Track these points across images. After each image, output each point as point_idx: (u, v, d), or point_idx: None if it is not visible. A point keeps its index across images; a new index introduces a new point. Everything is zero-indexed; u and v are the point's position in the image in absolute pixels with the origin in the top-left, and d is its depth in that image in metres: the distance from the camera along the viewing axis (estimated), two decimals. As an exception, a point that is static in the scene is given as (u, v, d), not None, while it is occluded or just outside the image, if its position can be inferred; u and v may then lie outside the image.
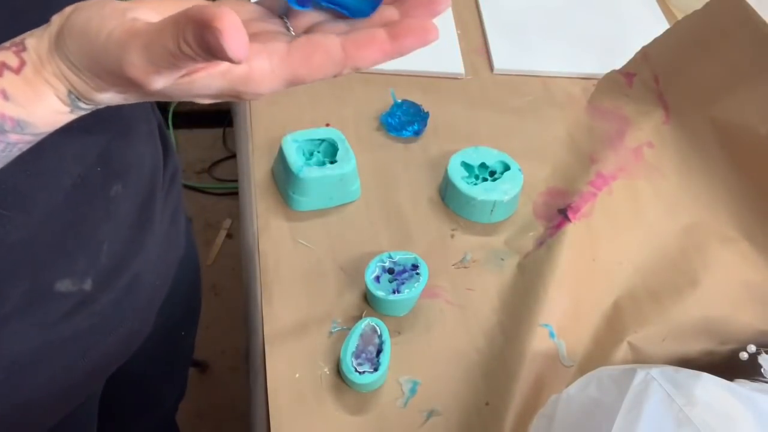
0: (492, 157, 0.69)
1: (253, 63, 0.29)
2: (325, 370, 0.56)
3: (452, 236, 0.67)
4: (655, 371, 0.46)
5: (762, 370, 0.51)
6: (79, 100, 0.31)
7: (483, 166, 0.68)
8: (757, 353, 0.53)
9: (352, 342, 0.55)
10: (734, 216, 0.65)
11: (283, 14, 0.36)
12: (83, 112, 0.32)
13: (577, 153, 0.74)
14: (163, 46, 0.26)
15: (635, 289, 0.61)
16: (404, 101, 0.76)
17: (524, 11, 0.93)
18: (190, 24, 0.25)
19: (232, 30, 0.24)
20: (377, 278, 0.59)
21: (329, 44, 0.30)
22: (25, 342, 0.47)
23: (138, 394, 0.78)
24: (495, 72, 0.84)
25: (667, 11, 0.96)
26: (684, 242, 0.64)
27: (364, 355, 0.55)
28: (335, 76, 0.31)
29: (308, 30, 0.34)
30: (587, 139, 0.75)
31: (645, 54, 0.75)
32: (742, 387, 0.45)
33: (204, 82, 0.29)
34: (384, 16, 0.33)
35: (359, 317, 0.59)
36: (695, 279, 0.60)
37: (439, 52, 0.85)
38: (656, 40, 0.74)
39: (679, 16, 0.91)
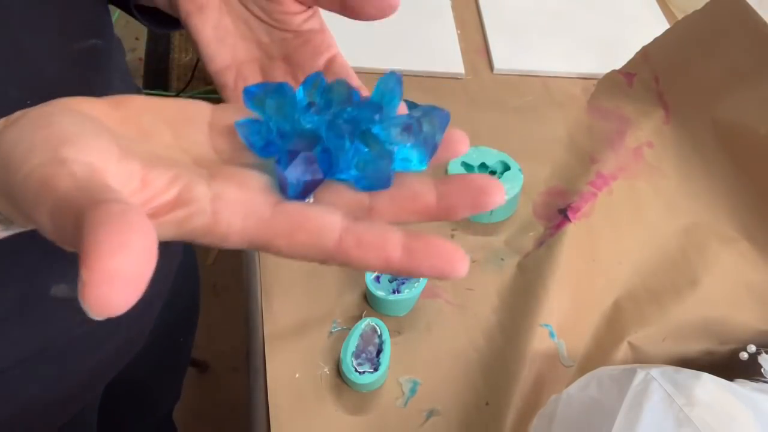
0: (492, 157, 0.69)
1: (221, 215, 0.23)
2: (325, 370, 0.56)
3: (452, 236, 0.67)
4: (655, 371, 0.46)
5: (762, 370, 0.51)
6: (12, 222, 0.25)
7: (483, 166, 0.68)
8: (757, 353, 0.53)
9: (352, 342, 0.55)
10: (734, 216, 0.65)
11: None
12: (24, 229, 0.26)
13: (577, 153, 0.74)
14: (66, 226, 0.20)
15: (635, 289, 0.61)
16: (404, 101, 0.76)
17: (524, 11, 0.93)
18: (77, 219, 0.19)
19: (100, 275, 0.18)
20: (377, 278, 0.59)
21: (325, 225, 0.24)
22: (19, 348, 0.46)
23: (136, 400, 0.78)
24: (495, 72, 0.84)
25: (667, 11, 0.96)
26: (684, 242, 0.64)
27: (364, 355, 0.55)
28: (319, 263, 0.25)
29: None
30: (587, 139, 0.75)
31: (645, 54, 0.75)
32: (742, 387, 0.45)
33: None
34: (416, 192, 0.27)
35: (359, 317, 0.59)
36: (695, 279, 0.60)
37: (439, 52, 0.85)
38: (656, 40, 0.74)
39: (679, 16, 0.91)
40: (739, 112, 0.66)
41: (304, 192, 0.26)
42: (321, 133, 0.26)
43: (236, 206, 0.24)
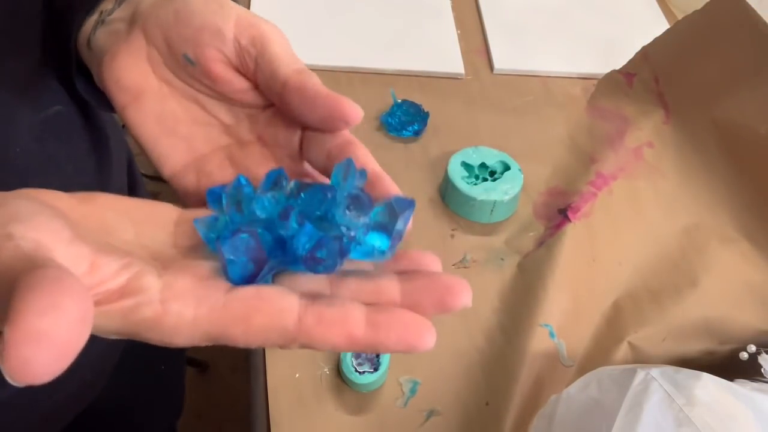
0: (492, 157, 0.69)
1: (169, 306, 0.22)
2: (325, 370, 0.56)
3: (452, 236, 0.67)
4: (655, 371, 0.46)
5: (762, 370, 0.51)
6: None
7: (483, 166, 0.68)
8: (757, 353, 0.53)
9: (352, 342, 0.55)
10: (734, 216, 0.65)
11: None
12: None
13: (577, 153, 0.74)
14: (2, 295, 0.19)
15: (635, 289, 0.61)
16: (404, 101, 0.76)
17: (524, 11, 0.93)
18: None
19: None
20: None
21: (283, 307, 0.23)
22: None
23: (123, 425, 0.75)
24: (495, 72, 0.84)
25: (667, 11, 0.96)
26: (684, 242, 0.64)
27: (364, 355, 0.55)
28: (280, 347, 0.24)
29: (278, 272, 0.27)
30: (587, 139, 0.75)
31: (645, 54, 0.75)
32: (742, 387, 0.45)
33: (96, 320, 0.22)
34: (380, 286, 0.25)
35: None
36: (695, 279, 0.60)
37: (439, 52, 0.85)
38: (656, 40, 0.74)
39: (679, 16, 0.91)
40: (739, 112, 0.66)
41: (245, 275, 0.24)
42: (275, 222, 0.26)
43: (187, 295, 0.23)
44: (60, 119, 0.41)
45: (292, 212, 0.26)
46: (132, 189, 0.59)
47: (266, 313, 0.23)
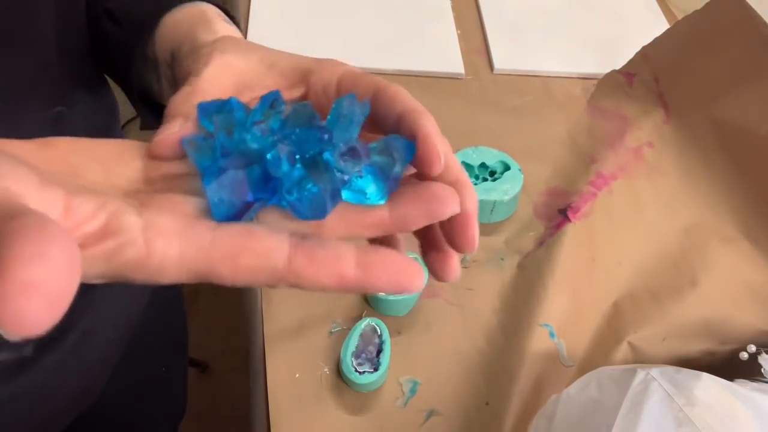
0: (492, 157, 0.69)
1: (154, 246, 0.22)
2: (325, 370, 0.56)
3: (452, 236, 0.67)
4: (655, 371, 0.46)
5: (762, 370, 0.51)
6: None
7: (483, 166, 0.68)
8: (757, 353, 0.53)
9: (352, 342, 0.55)
10: (735, 216, 0.65)
11: None
12: None
13: (577, 153, 0.74)
14: None
15: (635, 289, 0.61)
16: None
17: (524, 11, 0.93)
18: None
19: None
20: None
21: (272, 246, 0.22)
22: None
23: (122, 428, 0.74)
24: (495, 72, 0.84)
25: (667, 11, 0.96)
26: (684, 242, 0.64)
27: (364, 355, 0.55)
28: (267, 286, 0.23)
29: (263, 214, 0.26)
30: (587, 139, 0.75)
31: (645, 54, 0.75)
32: (742, 387, 0.45)
33: None
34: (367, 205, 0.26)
35: (359, 317, 0.59)
36: (695, 279, 0.60)
37: (439, 52, 0.85)
38: (656, 40, 0.74)
39: (679, 16, 0.91)
40: (739, 112, 0.65)
41: (231, 214, 0.24)
42: (266, 155, 0.25)
43: (171, 234, 0.22)
44: (62, 120, 0.42)
45: (283, 152, 0.25)
46: None
47: (255, 252, 0.22)
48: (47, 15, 0.38)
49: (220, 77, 0.31)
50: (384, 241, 0.30)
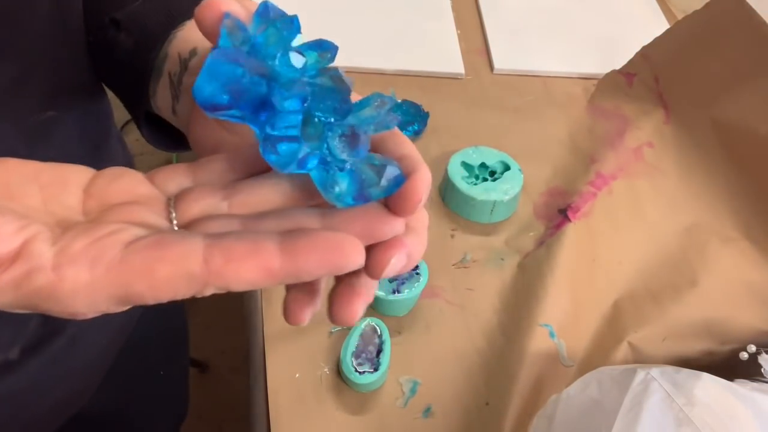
0: (492, 157, 0.69)
1: (64, 272, 0.20)
2: (325, 370, 0.56)
3: (452, 236, 0.67)
4: (655, 371, 0.46)
5: (762, 370, 0.51)
6: None
7: (483, 166, 0.68)
8: (757, 353, 0.53)
9: (352, 342, 0.55)
10: (735, 216, 0.65)
11: (171, 196, 0.26)
12: None
13: (577, 153, 0.74)
14: None
15: (635, 289, 0.61)
16: (404, 101, 0.76)
17: (524, 11, 0.93)
18: None
19: None
20: (377, 278, 0.59)
21: (185, 250, 0.21)
22: None
23: (120, 430, 0.74)
24: (495, 72, 0.84)
25: (667, 11, 0.96)
26: (684, 242, 0.64)
27: (364, 355, 0.55)
28: (194, 296, 0.22)
29: (193, 222, 0.25)
30: (587, 139, 0.75)
31: (645, 54, 0.75)
32: (742, 387, 0.45)
33: None
34: (300, 220, 0.24)
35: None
36: (695, 279, 0.60)
37: (439, 52, 0.85)
38: (656, 40, 0.74)
39: (679, 16, 0.91)
40: (739, 112, 0.65)
41: (210, 103, 0.23)
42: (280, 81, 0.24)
43: (81, 258, 0.21)
44: (53, 125, 0.41)
45: (297, 91, 0.24)
46: None
47: (168, 260, 0.20)
48: (36, 20, 0.37)
49: None
50: None
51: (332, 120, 0.24)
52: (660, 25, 0.92)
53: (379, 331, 0.56)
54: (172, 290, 0.21)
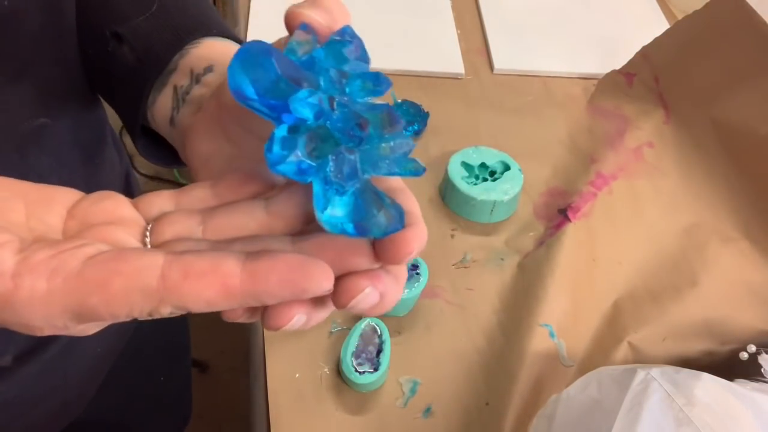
0: (492, 157, 0.69)
1: (22, 280, 0.20)
2: (325, 370, 0.56)
3: (452, 236, 0.67)
4: (655, 371, 0.46)
5: (762, 370, 0.51)
6: None
7: (483, 166, 0.68)
8: (757, 353, 0.53)
9: (352, 342, 0.55)
10: (735, 215, 0.65)
11: (151, 220, 0.26)
12: None
13: (577, 153, 0.74)
14: None
15: (635, 289, 0.61)
16: (404, 101, 0.76)
17: (524, 11, 0.93)
18: None
19: None
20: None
21: (144, 263, 0.20)
22: None
23: None
24: (495, 72, 0.84)
25: (667, 11, 0.96)
26: (684, 242, 0.64)
27: (364, 355, 0.55)
28: (150, 316, 0.21)
29: (164, 244, 0.25)
30: (587, 139, 0.75)
31: (645, 54, 0.75)
32: (742, 387, 0.45)
33: None
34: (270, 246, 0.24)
35: (359, 317, 0.59)
36: (695, 279, 0.60)
37: (439, 52, 0.85)
38: (656, 40, 0.74)
39: (679, 16, 0.91)
40: (739, 112, 0.66)
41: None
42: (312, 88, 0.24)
43: (41, 268, 0.20)
44: (45, 132, 0.41)
45: (325, 101, 0.24)
46: None
47: (125, 273, 0.20)
48: (26, 28, 0.37)
49: None
50: None
51: (349, 145, 0.24)
52: (660, 25, 0.92)
53: (379, 331, 0.56)
54: (127, 305, 0.20)
